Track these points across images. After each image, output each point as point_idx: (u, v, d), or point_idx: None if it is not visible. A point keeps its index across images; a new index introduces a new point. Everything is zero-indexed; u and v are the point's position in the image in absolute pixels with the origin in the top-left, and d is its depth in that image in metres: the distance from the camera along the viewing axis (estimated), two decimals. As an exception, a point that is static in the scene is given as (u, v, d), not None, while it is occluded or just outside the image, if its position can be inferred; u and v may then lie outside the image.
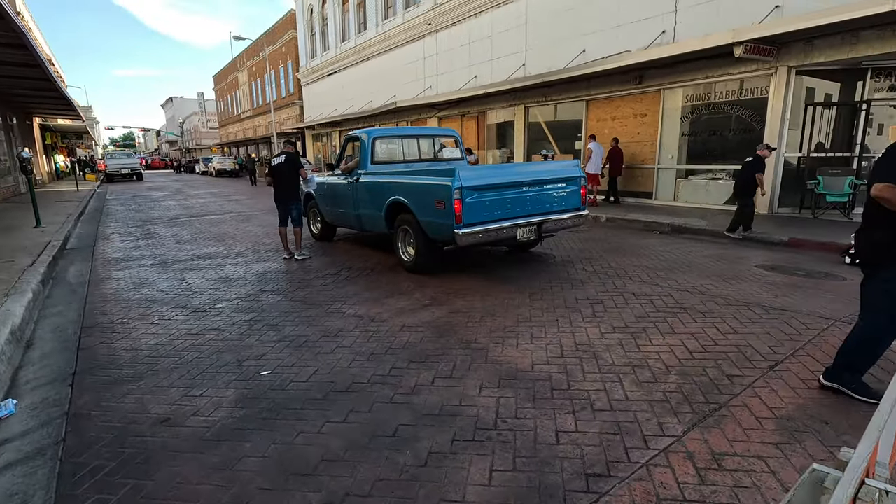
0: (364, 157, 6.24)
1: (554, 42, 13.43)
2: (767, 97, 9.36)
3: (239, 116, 44.42)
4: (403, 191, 5.19)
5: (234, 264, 6.37)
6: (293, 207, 6.46)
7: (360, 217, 6.30)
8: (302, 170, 6.38)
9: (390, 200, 5.44)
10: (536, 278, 5.10)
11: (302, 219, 6.61)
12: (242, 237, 8.50)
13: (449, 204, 4.49)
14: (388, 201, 5.50)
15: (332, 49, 26.01)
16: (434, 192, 4.66)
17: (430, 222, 4.87)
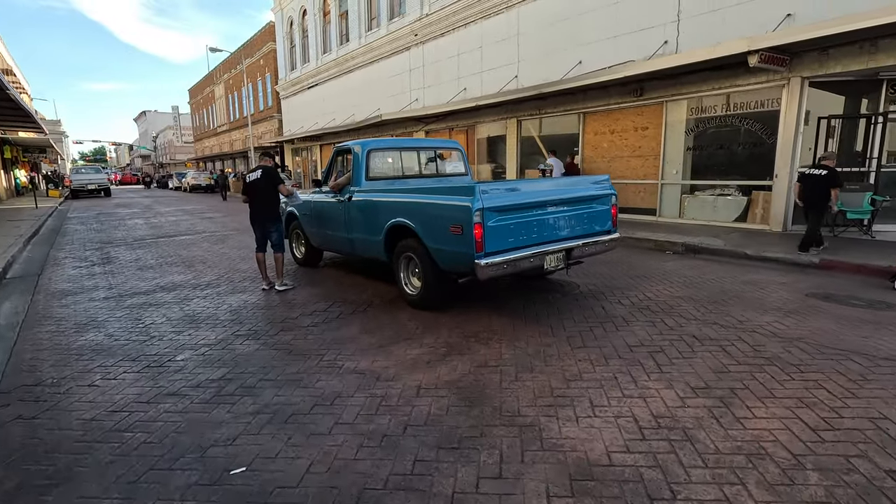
0: (357, 172, 5.41)
1: (548, 53, 12.91)
2: (779, 109, 8.90)
3: (215, 130, 43.11)
4: (408, 212, 4.37)
5: (204, 297, 5.42)
6: (273, 230, 5.58)
7: (352, 242, 5.45)
8: (282, 186, 5.52)
9: (391, 223, 4.61)
10: (568, 315, 4.32)
11: (283, 243, 5.72)
12: (215, 262, 7.52)
13: (468, 229, 3.69)
14: (387, 224, 4.67)
15: (312, 61, 25.24)
16: (449, 214, 3.86)
17: (441, 250, 4.06)
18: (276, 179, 5.45)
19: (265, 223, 5.57)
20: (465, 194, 3.75)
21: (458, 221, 3.78)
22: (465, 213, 3.70)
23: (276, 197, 5.48)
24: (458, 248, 3.84)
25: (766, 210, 9.29)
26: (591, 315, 4.28)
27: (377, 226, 4.88)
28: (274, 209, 5.52)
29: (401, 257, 4.69)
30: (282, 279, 5.67)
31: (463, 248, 3.79)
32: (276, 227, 5.57)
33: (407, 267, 4.73)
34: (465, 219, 3.70)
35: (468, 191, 3.74)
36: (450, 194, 3.92)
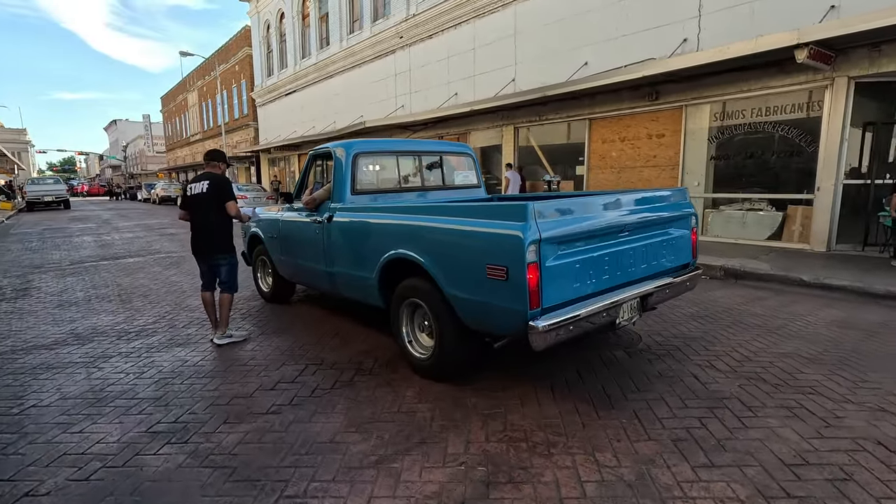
0: (340, 183, 4.03)
1: (549, 55, 11.79)
2: (821, 114, 7.86)
3: (188, 139, 41.14)
4: (416, 241, 3.01)
5: (128, 354, 3.94)
6: (222, 262, 4.13)
7: (333, 277, 4.05)
8: (231, 203, 4.03)
9: (389, 256, 3.23)
10: (652, 392, 2.92)
11: (236, 280, 4.23)
12: (159, 295, 6.00)
13: (517, 272, 2.34)
14: (384, 257, 3.29)
15: (290, 67, 23.82)
16: (484, 247, 2.50)
17: (468, 301, 2.70)
18: (226, 194, 4.02)
19: (212, 253, 4.11)
20: (513, 217, 2.40)
21: (499, 260, 2.43)
22: (513, 247, 2.35)
23: (227, 217, 4.04)
24: (498, 300, 2.49)
25: (806, 227, 8.20)
26: (687, 392, 2.95)
27: (368, 258, 3.50)
28: (224, 234, 4.06)
29: (403, 304, 3.30)
30: (224, 329, 4.16)
31: (506, 300, 2.45)
32: (226, 258, 4.12)
33: (411, 318, 3.35)
34: (514, 256, 2.35)
35: (517, 213, 2.39)
36: (487, 217, 2.53)
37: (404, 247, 3.11)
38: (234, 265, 4.16)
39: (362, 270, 3.61)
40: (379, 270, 3.39)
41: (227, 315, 4.18)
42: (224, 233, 4.07)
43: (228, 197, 4.00)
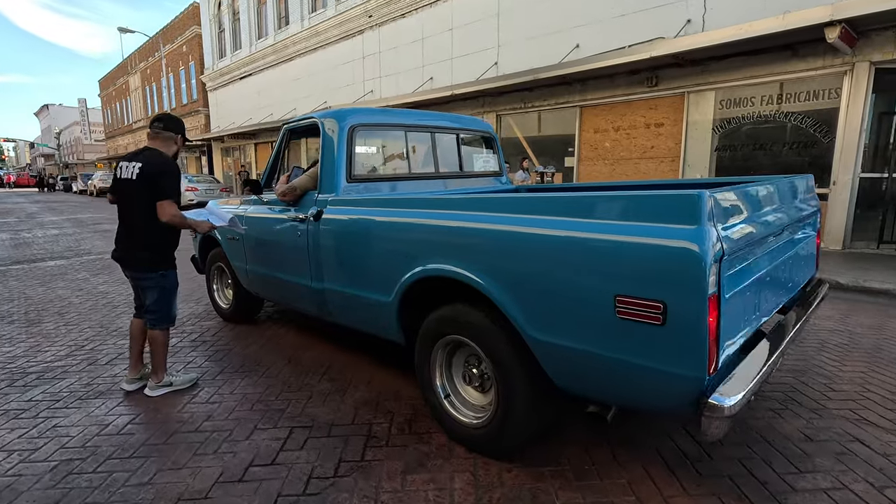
0: (332, 166, 2.90)
1: (537, 36, 10.89)
2: (839, 102, 7.31)
3: (130, 126, 37.95)
4: (471, 252, 1.92)
5: (19, 413, 2.69)
6: (146, 280, 2.85)
7: (322, 297, 2.91)
8: (165, 204, 2.70)
9: (419, 273, 2.16)
10: (825, 479, 2.03)
11: (170, 309, 2.93)
12: (81, 313, 4.66)
13: (689, 310, 1.33)
14: (410, 274, 2.21)
15: (245, 48, 21.94)
16: (615, 266, 1.45)
17: (571, 353, 1.64)
18: (162, 187, 2.71)
19: (134, 264, 2.85)
20: (675, 215, 1.38)
21: (647, 290, 1.39)
22: (681, 269, 1.31)
23: (157, 219, 2.78)
24: (641, 355, 1.44)
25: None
26: (875, 475, 2.04)
27: (381, 274, 2.41)
28: (152, 240, 2.80)
29: (437, 343, 2.24)
30: (160, 376, 2.94)
31: (658, 357, 1.40)
32: (152, 276, 2.83)
33: (448, 362, 2.30)
34: (683, 285, 1.31)
35: (683, 207, 1.37)
36: (619, 215, 1.48)
37: (446, 260, 2.04)
38: (166, 289, 2.87)
39: (370, 290, 2.51)
40: (400, 292, 2.31)
41: (163, 360, 2.92)
42: (153, 239, 2.79)
43: (162, 193, 2.68)
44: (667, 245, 1.38)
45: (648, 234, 1.42)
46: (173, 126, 2.90)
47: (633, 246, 1.44)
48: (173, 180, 2.75)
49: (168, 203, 2.71)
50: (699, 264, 1.33)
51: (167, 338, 2.93)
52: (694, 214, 1.37)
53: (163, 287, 2.86)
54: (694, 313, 1.35)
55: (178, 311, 2.99)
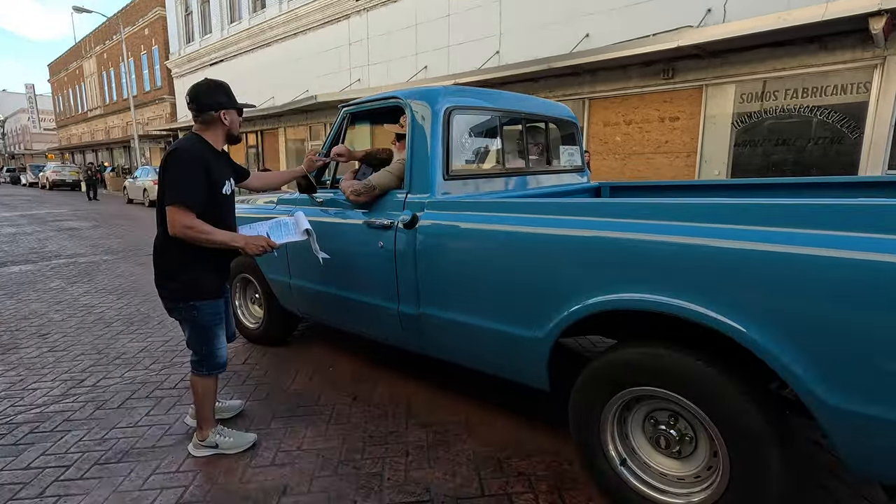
0: (426, 159, 2.30)
1: (543, 24, 10.40)
2: (868, 96, 7.13)
3: (85, 115, 35.51)
4: (749, 281, 1.30)
5: (13, 486, 1.99)
6: (174, 312, 2.17)
7: (416, 323, 2.29)
8: (170, 210, 1.98)
9: (603, 303, 1.60)
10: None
11: (211, 350, 2.17)
12: (67, 334, 3.89)
13: None
14: (584, 305, 1.64)
15: (216, 32, 20.61)
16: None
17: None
18: (168, 187, 1.99)
19: (161, 292, 2.18)
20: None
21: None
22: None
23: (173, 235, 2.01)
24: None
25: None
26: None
27: (528, 301, 1.83)
28: (172, 258, 2.10)
29: (616, 396, 1.67)
30: (203, 433, 2.22)
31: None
32: (179, 306, 2.14)
33: (619, 417, 1.75)
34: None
35: None
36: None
37: (663, 290, 1.47)
38: (200, 326, 2.14)
39: (505, 321, 1.94)
40: (561, 327, 1.74)
41: (206, 412, 2.24)
42: (172, 259, 2.09)
43: (168, 194, 1.97)
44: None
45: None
46: (206, 99, 2.09)
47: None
48: (180, 173, 1.95)
49: (176, 209, 1.93)
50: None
51: (209, 386, 2.23)
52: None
53: (194, 322, 2.14)
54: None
55: (225, 352, 2.29)
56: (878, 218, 1.20)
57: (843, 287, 1.20)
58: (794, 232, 1.28)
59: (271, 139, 18.97)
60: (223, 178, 2.15)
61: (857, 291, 1.18)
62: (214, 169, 2.09)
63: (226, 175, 2.19)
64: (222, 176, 2.15)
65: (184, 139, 2.11)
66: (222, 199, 2.15)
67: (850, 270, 1.19)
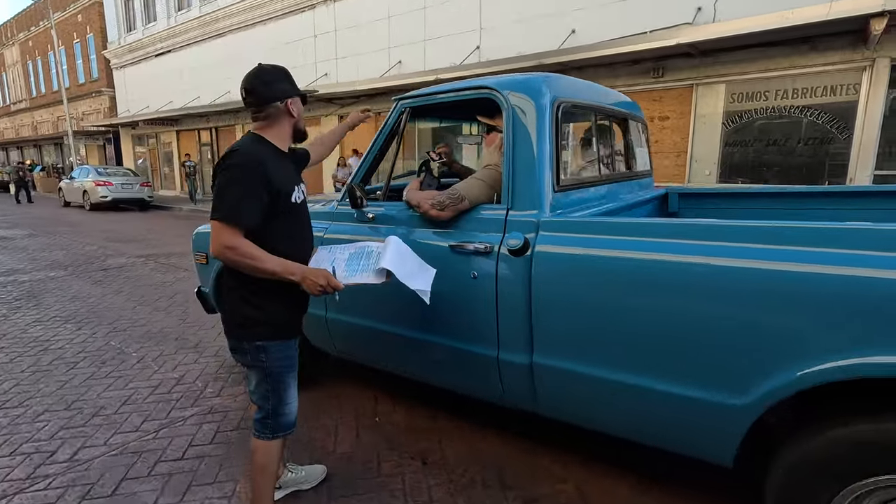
0: (532, 166, 1.82)
1: (524, 19, 10.06)
2: (857, 99, 7.22)
3: (8, 108, 32.25)
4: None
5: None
6: (239, 351, 1.67)
7: (528, 374, 1.79)
8: (213, 225, 1.51)
9: (856, 366, 1.19)
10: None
11: (278, 403, 1.68)
12: (18, 381, 3.12)
13: None
14: (835, 367, 1.23)
15: (161, 20, 19.05)
16: None
17: None
18: (215, 196, 1.53)
19: (224, 327, 1.72)
20: None
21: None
22: None
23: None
24: None
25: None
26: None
27: (721, 358, 1.39)
28: (231, 287, 1.64)
29: (849, 486, 1.27)
30: None
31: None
32: (244, 346, 1.64)
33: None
34: None
35: None
36: None
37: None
38: (268, 371, 1.66)
39: (680, 382, 1.48)
40: (771, 398, 1.30)
41: (267, 487, 1.71)
42: (231, 287, 1.65)
43: (213, 207, 1.52)
44: None
45: None
46: (268, 88, 1.60)
47: None
48: (231, 182, 1.50)
49: (219, 226, 1.49)
50: None
51: (272, 453, 1.70)
52: None
53: (261, 368, 1.65)
54: None
55: (296, 408, 1.74)
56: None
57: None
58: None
59: (228, 136, 17.72)
60: (291, 184, 1.66)
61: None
62: (279, 176, 1.60)
63: (294, 179, 1.70)
64: (290, 182, 1.66)
65: (243, 139, 1.63)
66: (292, 209, 1.66)
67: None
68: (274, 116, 1.63)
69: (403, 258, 1.68)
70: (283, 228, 1.63)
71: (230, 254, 1.49)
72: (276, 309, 1.64)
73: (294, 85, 1.69)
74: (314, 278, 1.55)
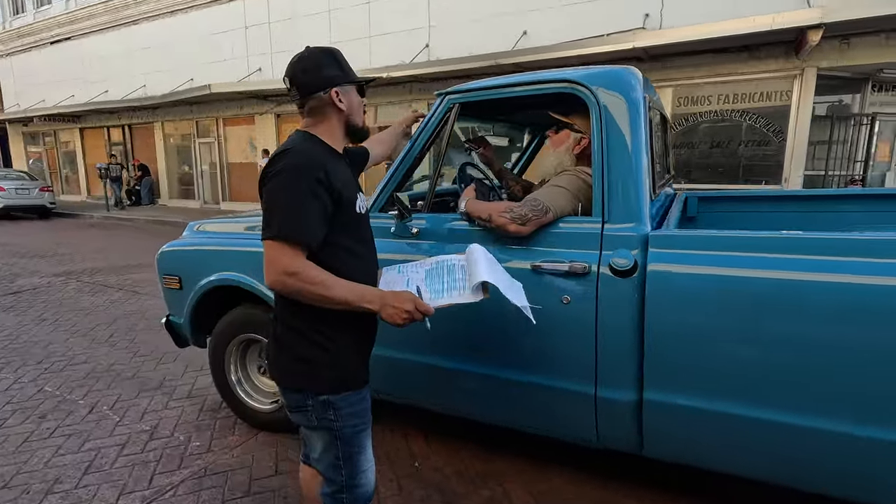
0: (631, 171, 1.59)
1: (475, 19, 9.94)
2: (789, 104, 7.79)
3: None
4: None
5: None
6: (298, 410, 1.29)
7: (631, 415, 1.56)
8: (267, 245, 1.17)
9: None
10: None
11: (351, 471, 1.31)
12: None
13: None
14: None
15: (57, 2, 16.91)
16: None
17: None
18: (264, 210, 1.21)
19: (273, 376, 1.34)
20: None
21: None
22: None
23: None
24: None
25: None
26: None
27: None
28: (288, 326, 1.28)
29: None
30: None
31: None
32: (305, 402, 1.26)
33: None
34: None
35: None
36: None
37: None
38: (336, 434, 1.28)
39: (861, 420, 1.30)
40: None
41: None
42: (289, 318, 1.28)
43: (265, 224, 1.18)
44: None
45: None
46: (310, 75, 1.28)
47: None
48: (287, 189, 1.17)
49: (275, 246, 1.16)
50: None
51: None
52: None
53: (329, 430, 1.28)
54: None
55: (371, 476, 1.36)
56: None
57: None
58: None
59: (144, 134, 16.07)
60: (354, 189, 1.34)
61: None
62: (342, 180, 1.27)
63: (356, 185, 1.38)
64: (353, 187, 1.34)
65: (293, 137, 1.31)
66: (357, 220, 1.34)
67: None
68: (318, 110, 1.31)
69: (495, 270, 1.37)
70: (345, 245, 1.29)
71: (293, 281, 1.15)
72: (346, 349, 1.29)
73: (346, 71, 1.34)
74: (398, 304, 1.21)
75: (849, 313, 1.27)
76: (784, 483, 1.50)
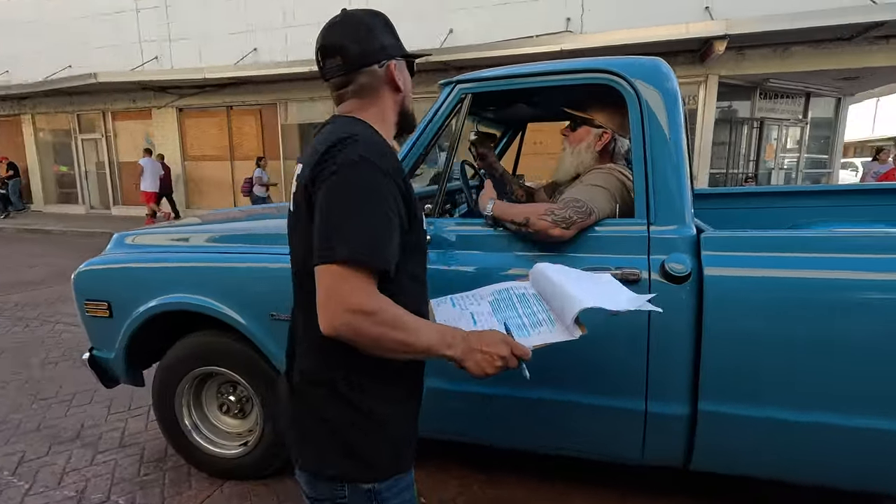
0: (674, 170, 1.49)
1: (403, 16, 9.66)
2: (696, 108, 8.49)
3: None
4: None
5: None
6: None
7: (682, 429, 1.45)
8: (324, 274, 0.81)
9: None
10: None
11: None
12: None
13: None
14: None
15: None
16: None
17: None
18: (322, 223, 0.84)
19: (297, 459, 0.96)
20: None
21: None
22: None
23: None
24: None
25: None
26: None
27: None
28: (334, 386, 0.91)
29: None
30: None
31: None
32: (346, 496, 0.90)
33: None
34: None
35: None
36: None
37: None
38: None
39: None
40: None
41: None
42: (327, 375, 0.91)
43: (321, 238, 0.82)
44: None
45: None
46: (354, 47, 0.94)
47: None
48: (360, 195, 0.83)
49: (343, 273, 0.80)
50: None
51: None
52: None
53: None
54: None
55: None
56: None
57: None
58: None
59: (8, 129, 13.74)
60: (419, 204, 0.98)
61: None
62: (411, 189, 0.95)
63: None
64: (418, 201, 0.98)
65: (345, 124, 0.93)
66: (424, 239, 1.04)
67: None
68: (369, 89, 0.97)
69: (584, 287, 1.08)
70: (411, 270, 0.96)
71: (368, 325, 0.80)
72: (401, 416, 0.96)
73: (399, 40, 1.02)
74: (488, 348, 0.88)
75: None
76: (847, 487, 1.49)
